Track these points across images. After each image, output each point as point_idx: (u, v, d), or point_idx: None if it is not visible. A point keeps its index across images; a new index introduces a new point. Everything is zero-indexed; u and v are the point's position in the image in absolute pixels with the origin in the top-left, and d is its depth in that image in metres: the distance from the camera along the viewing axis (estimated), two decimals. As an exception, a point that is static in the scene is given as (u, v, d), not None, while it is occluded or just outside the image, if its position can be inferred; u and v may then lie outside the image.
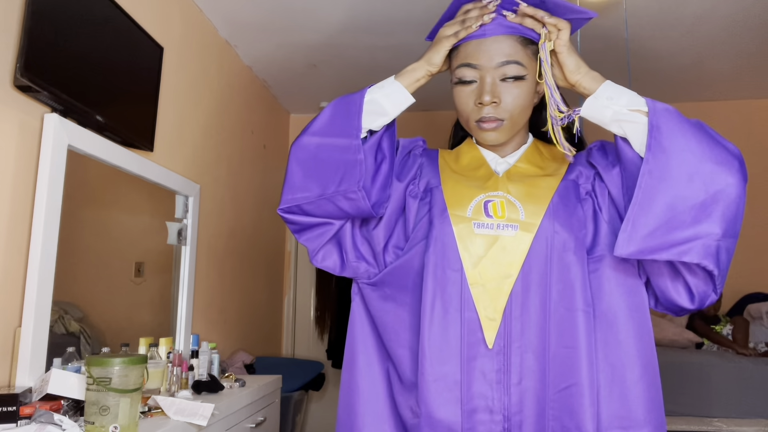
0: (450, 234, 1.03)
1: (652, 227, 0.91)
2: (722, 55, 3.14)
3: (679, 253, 0.90)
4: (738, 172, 0.93)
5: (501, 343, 0.99)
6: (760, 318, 3.32)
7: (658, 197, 0.92)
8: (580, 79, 1.01)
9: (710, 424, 2.74)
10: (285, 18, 2.74)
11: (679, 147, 0.93)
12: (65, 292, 1.66)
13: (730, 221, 0.92)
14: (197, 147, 2.63)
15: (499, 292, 1.00)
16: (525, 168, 1.11)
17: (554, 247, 1.00)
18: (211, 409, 1.59)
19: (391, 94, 1.06)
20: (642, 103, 0.97)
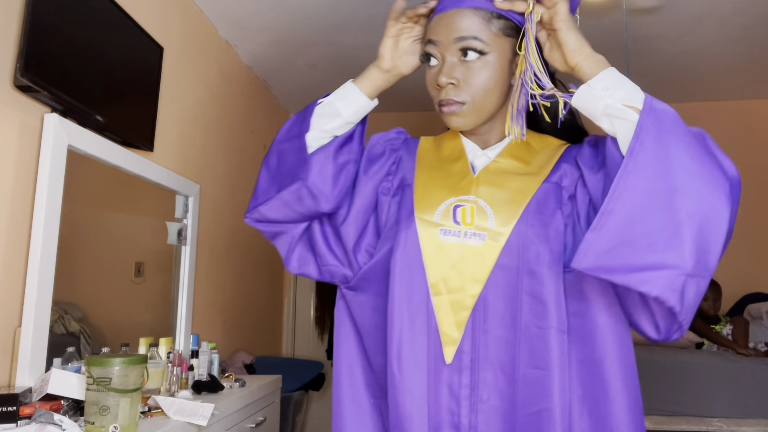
0: (415, 239, 0.96)
1: (614, 243, 0.80)
2: (722, 55, 3.14)
3: (638, 281, 0.79)
4: (726, 197, 0.80)
5: (466, 358, 0.92)
6: (760, 318, 3.32)
7: (628, 210, 0.80)
8: (581, 62, 0.89)
9: (710, 424, 2.74)
10: (285, 18, 2.74)
11: (665, 156, 0.81)
12: (65, 292, 1.66)
13: (705, 253, 0.79)
14: (197, 147, 2.63)
15: (462, 306, 0.93)
16: (505, 164, 1.01)
17: (526, 259, 0.92)
18: (211, 409, 1.59)
19: (345, 96, 1.03)
20: (639, 100, 0.86)
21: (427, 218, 0.97)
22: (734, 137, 3.85)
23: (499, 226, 0.93)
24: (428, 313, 0.94)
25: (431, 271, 0.94)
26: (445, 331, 0.93)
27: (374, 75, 1.04)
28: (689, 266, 0.77)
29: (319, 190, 1.01)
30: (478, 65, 0.94)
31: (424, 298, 0.94)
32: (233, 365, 2.81)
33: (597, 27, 2.77)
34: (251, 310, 3.34)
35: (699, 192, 0.79)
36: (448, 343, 0.93)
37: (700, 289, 0.80)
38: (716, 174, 0.81)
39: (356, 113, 1.03)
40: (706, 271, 0.80)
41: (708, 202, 0.79)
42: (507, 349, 0.92)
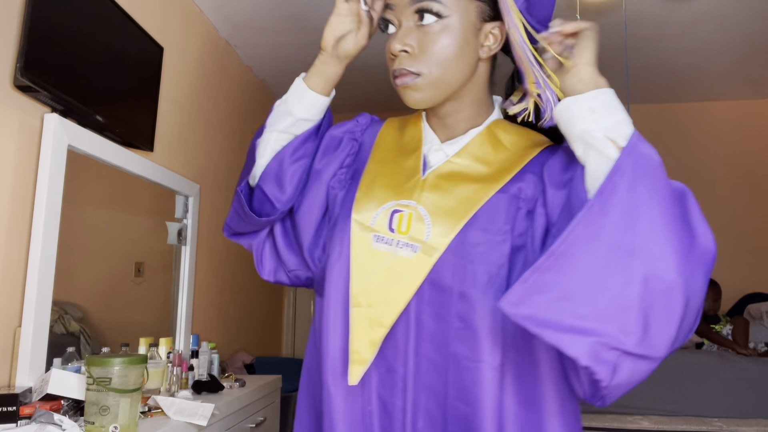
0: (347, 243, 0.87)
1: (554, 293, 0.69)
2: (722, 55, 3.14)
3: (569, 344, 0.68)
4: (691, 272, 0.69)
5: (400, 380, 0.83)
6: (760, 318, 3.32)
7: (580, 260, 0.69)
8: (579, 67, 0.78)
9: (710, 424, 2.74)
10: (285, 18, 2.74)
11: (635, 208, 0.69)
12: (65, 292, 1.66)
13: (652, 333, 0.68)
14: (197, 147, 2.63)
15: (379, 322, 0.82)
16: (462, 165, 0.88)
17: (460, 279, 0.80)
18: (211, 409, 1.59)
19: (294, 92, 0.96)
20: (625, 135, 0.74)
21: (363, 221, 0.87)
22: (734, 137, 3.85)
23: (435, 238, 0.82)
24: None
25: (356, 280, 0.84)
26: (355, 349, 0.82)
27: (319, 64, 0.95)
28: (630, 344, 0.67)
29: (265, 189, 0.97)
30: (436, 30, 0.83)
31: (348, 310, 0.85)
32: (233, 365, 2.81)
33: (597, 27, 2.77)
34: (251, 310, 3.34)
35: (661, 261, 0.68)
36: (356, 362, 0.82)
37: (638, 371, 0.69)
38: (686, 243, 0.70)
39: (308, 110, 0.96)
40: (650, 353, 0.68)
41: (668, 275, 0.68)
42: (438, 376, 0.81)
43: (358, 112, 1.09)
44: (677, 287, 0.67)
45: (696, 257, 0.70)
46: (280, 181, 0.96)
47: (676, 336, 0.69)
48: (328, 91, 0.97)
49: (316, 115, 0.98)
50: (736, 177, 3.81)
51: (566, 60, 0.80)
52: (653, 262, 0.68)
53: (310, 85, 0.95)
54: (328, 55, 0.94)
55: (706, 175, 3.85)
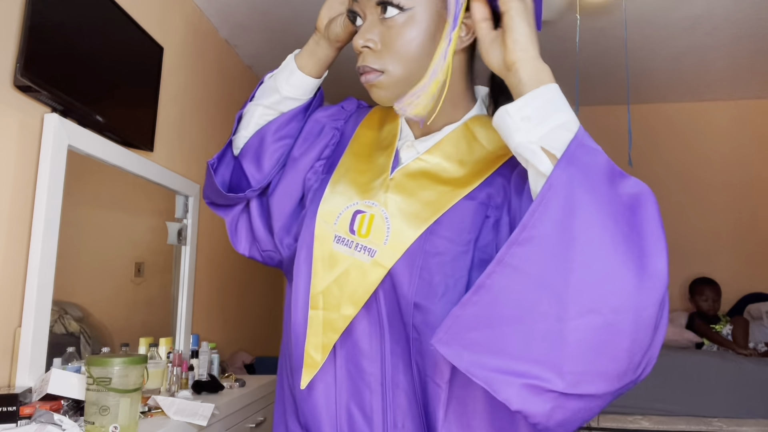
0: (311, 241, 0.84)
1: (482, 331, 0.64)
2: (722, 55, 3.14)
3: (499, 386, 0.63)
4: (640, 297, 0.60)
5: (375, 381, 0.80)
6: (760, 318, 3.32)
7: (510, 293, 0.63)
8: (521, 61, 0.69)
9: (710, 424, 2.74)
10: (285, 18, 2.74)
11: (570, 230, 0.62)
12: (65, 292, 1.66)
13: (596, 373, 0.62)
14: (197, 147, 2.63)
15: (332, 327, 0.79)
16: (432, 164, 0.83)
17: (416, 289, 0.76)
18: (211, 409, 1.59)
19: (283, 70, 0.95)
20: (561, 144, 0.65)
21: (327, 220, 0.83)
22: (734, 137, 3.85)
23: (392, 244, 0.77)
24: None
25: (316, 281, 0.81)
26: (309, 352, 0.80)
27: (311, 43, 0.92)
28: (564, 385, 0.61)
29: (244, 167, 0.95)
30: (399, 23, 0.77)
31: (306, 312, 0.83)
32: (233, 365, 2.81)
33: (597, 27, 2.77)
34: (251, 310, 3.34)
35: (599, 292, 0.60)
36: (309, 365, 0.80)
37: (578, 409, 0.63)
38: (633, 268, 0.61)
39: (295, 89, 0.93)
40: (593, 391, 0.62)
41: (607, 308, 0.60)
42: (406, 373, 0.78)
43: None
44: (619, 321, 0.60)
45: (645, 284, 0.61)
46: (258, 159, 0.95)
47: (625, 370, 0.62)
48: (319, 72, 0.95)
49: (304, 95, 0.95)
50: (736, 177, 3.81)
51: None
52: (589, 294, 0.61)
53: (300, 64, 0.93)
54: (320, 35, 0.92)
55: (705, 176, 3.85)
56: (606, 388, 0.63)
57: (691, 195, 3.83)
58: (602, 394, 0.63)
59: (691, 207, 3.81)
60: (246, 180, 0.96)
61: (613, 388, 0.63)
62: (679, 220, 3.76)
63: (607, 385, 0.62)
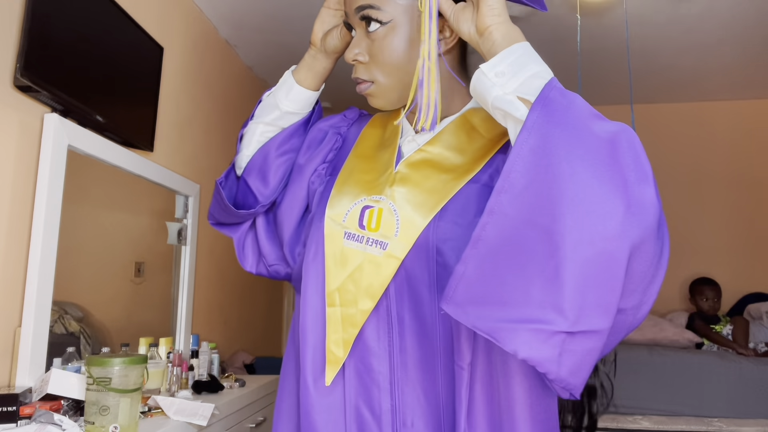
0: (321, 241, 0.85)
1: (483, 283, 0.65)
2: (722, 55, 3.14)
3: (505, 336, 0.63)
4: (629, 225, 0.61)
5: (384, 380, 0.81)
6: (760, 318, 3.32)
7: (500, 241, 0.64)
8: (494, 26, 0.72)
9: (710, 424, 2.74)
10: (285, 18, 2.74)
11: (549, 170, 0.63)
12: (65, 292, 1.66)
13: (594, 304, 0.61)
14: (197, 147, 2.63)
15: (351, 322, 0.81)
16: (434, 154, 0.85)
17: (438, 276, 0.78)
18: (211, 409, 1.59)
19: (282, 86, 0.96)
20: (537, 90, 0.68)
21: (336, 218, 0.85)
22: (734, 137, 3.85)
23: (403, 234, 0.79)
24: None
25: (330, 279, 0.83)
26: (331, 349, 0.81)
27: (308, 58, 0.94)
28: (568, 323, 0.61)
29: (251, 184, 0.96)
30: (380, 36, 0.82)
31: (323, 310, 0.84)
32: (233, 365, 2.81)
33: (597, 27, 2.77)
34: (251, 310, 3.34)
35: (585, 225, 0.61)
36: (332, 362, 0.81)
37: (585, 350, 0.63)
38: (617, 199, 0.61)
39: (295, 104, 0.95)
40: (594, 326, 0.62)
41: (596, 238, 0.60)
42: (427, 371, 0.79)
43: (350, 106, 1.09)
44: (612, 249, 0.60)
45: (633, 209, 0.61)
46: (264, 175, 0.96)
47: (626, 302, 0.63)
48: (317, 85, 0.97)
49: (304, 109, 0.97)
50: (736, 177, 3.81)
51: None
52: (578, 226, 0.61)
53: (298, 79, 0.95)
54: (317, 49, 0.94)
55: (706, 176, 3.85)
56: (608, 322, 0.62)
57: (691, 195, 3.83)
58: (605, 328, 0.63)
59: (691, 207, 3.81)
60: (253, 196, 0.97)
61: (611, 320, 0.63)
62: (679, 220, 3.76)
63: (609, 318, 0.62)
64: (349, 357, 0.82)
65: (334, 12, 0.92)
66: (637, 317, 0.66)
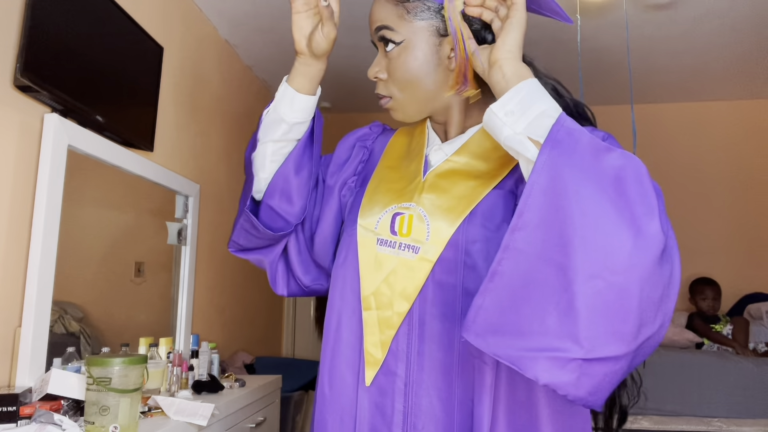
0: (355, 248, 0.89)
1: (502, 315, 0.69)
2: (722, 56, 3.14)
3: (526, 365, 0.67)
4: (637, 258, 0.64)
5: (400, 382, 0.84)
6: (760, 318, 3.32)
7: (517, 276, 0.68)
8: (504, 60, 0.77)
9: (710, 424, 2.74)
10: (285, 18, 2.74)
11: (560, 209, 0.67)
12: (65, 292, 1.66)
13: (608, 333, 0.65)
14: (197, 147, 2.63)
15: (388, 324, 0.84)
16: (461, 164, 0.89)
17: (463, 276, 0.82)
18: (211, 409, 1.59)
19: (282, 98, 0.94)
20: (545, 129, 0.71)
21: (368, 226, 0.89)
22: (734, 137, 3.85)
23: (434, 238, 0.83)
24: (361, 329, 0.87)
25: (365, 284, 0.87)
26: (369, 351, 0.85)
27: (299, 66, 0.94)
28: (583, 351, 0.64)
29: (273, 204, 0.96)
30: (395, 55, 0.88)
31: (358, 313, 0.88)
32: (233, 365, 2.81)
33: (597, 27, 2.77)
34: (251, 310, 3.34)
35: (595, 260, 0.64)
36: (371, 363, 0.85)
37: (604, 374, 0.66)
38: (624, 233, 0.64)
39: (301, 112, 0.95)
40: (612, 353, 0.65)
41: (606, 272, 0.64)
42: (444, 374, 0.82)
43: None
44: (621, 282, 0.64)
45: (640, 243, 0.64)
46: (288, 196, 0.97)
47: (639, 327, 0.65)
48: (315, 89, 0.97)
49: (309, 115, 0.98)
50: (736, 177, 3.81)
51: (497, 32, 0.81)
52: (589, 261, 0.65)
53: (297, 87, 0.95)
54: (306, 56, 0.93)
55: (706, 176, 3.84)
56: (624, 348, 0.65)
57: (691, 195, 3.82)
58: (622, 354, 0.66)
59: (691, 207, 3.81)
60: (282, 219, 0.98)
61: (630, 347, 0.66)
62: (679, 220, 3.76)
63: (624, 345, 0.65)
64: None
65: (306, 14, 0.91)
66: (662, 335, 0.69)
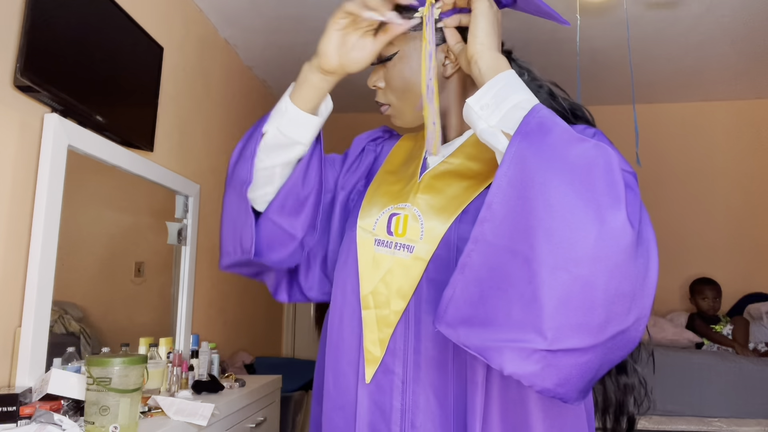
0: (354, 249, 0.91)
1: (470, 305, 0.70)
2: (722, 55, 3.14)
3: (491, 354, 0.68)
4: (602, 251, 0.64)
5: (398, 380, 0.85)
6: (760, 318, 3.32)
7: (484, 267, 0.69)
8: (479, 53, 0.78)
9: (710, 424, 2.74)
10: (285, 18, 2.74)
11: (526, 200, 0.67)
12: (65, 292, 1.66)
13: (577, 326, 0.64)
14: (197, 147, 2.63)
15: (386, 322, 0.86)
16: (455, 165, 0.91)
17: (452, 273, 0.81)
18: (211, 409, 1.59)
19: (292, 119, 0.90)
20: (516, 121, 0.72)
21: (366, 227, 0.91)
22: (734, 137, 3.85)
23: (427, 236, 0.85)
24: (361, 328, 0.89)
25: (364, 283, 0.89)
26: (368, 348, 0.87)
27: (316, 80, 0.89)
28: (546, 342, 0.65)
29: (289, 225, 0.95)
30: (392, 65, 0.91)
31: (358, 313, 0.89)
32: (233, 365, 2.81)
33: (597, 27, 2.77)
34: (251, 310, 3.34)
35: (560, 250, 0.64)
36: (370, 361, 0.86)
37: (572, 365, 0.66)
38: (590, 226, 0.64)
39: (316, 131, 0.93)
40: (578, 344, 0.65)
41: (571, 265, 0.64)
42: (439, 371, 0.83)
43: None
44: (585, 274, 0.64)
45: (604, 235, 0.64)
46: (296, 211, 0.95)
47: (606, 319, 0.65)
48: (322, 104, 0.95)
49: (319, 129, 0.95)
50: (736, 177, 3.81)
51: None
52: (553, 253, 0.65)
53: (311, 109, 0.91)
54: (335, 75, 0.90)
55: (705, 176, 3.85)
56: (589, 340, 0.65)
57: (691, 195, 3.83)
58: (588, 346, 0.66)
59: (691, 207, 3.81)
60: (287, 233, 0.95)
61: (598, 339, 0.65)
62: (680, 220, 3.76)
63: (590, 337, 0.65)
64: None
65: (343, 33, 0.88)
66: (639, 330, 0.68)
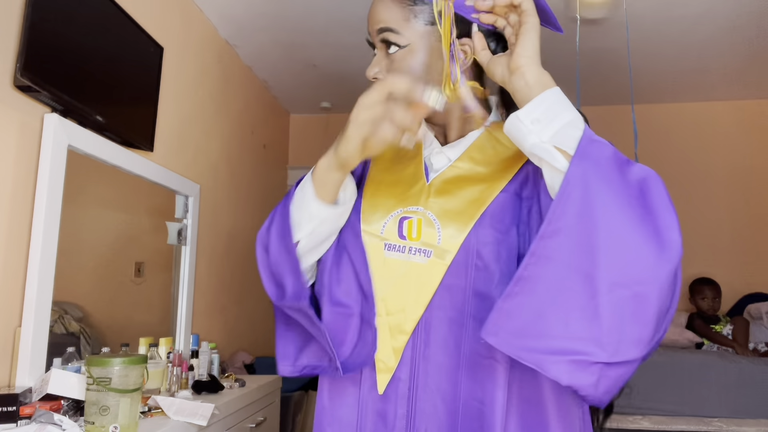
0: (362, 255, 0.87)
1: (526, 319, 0.71)
2: (722, 55, 3.14)
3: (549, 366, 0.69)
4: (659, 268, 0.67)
5: (404, 386, 0.83)
6: (760, 318, 3.32)
7: (545, 281, 0.70)
8: (525, 66, 0.76)
9: (710, 424, 2.74)
10: (285, 18, 2.74)
11: (590, 218, 0.69)
12: (65, 292, 1.66)
13: (628, 340, 0.68)
14: (197, 147, 2.63)
15: (400, 330, 0.83)
16: (464, 169, 0.89)
17: (474, 279, 0.82)
18: (211, 409, 1.59)
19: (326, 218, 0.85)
20: (572, 141, 0.72)
21: (373, 231, 0.87)
22: (734, 137, 3.85)
23: (446, 241, 0.83)
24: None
25: (376, 288, 0.85)
26: (380, 358, 0.83)
27: (339, 177, 0.84)
28: (606, 354, 0.68)
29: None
30: (399, 58, 0.86)
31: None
32: (233, 365, 2.81)
33: (598, 27, 2.77)
34: (251, 310, 3.34)
35: (623, 269, 0.68)
36: (382, 371, 0.83)
37: (619, 375, 0.70)
38: (649, 244, 0.68)
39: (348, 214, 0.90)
40: (628, 357, 0.69)
41: (632, 281, 0.67)
42: (448, 377, 0.82)
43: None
44: (645, 291, 0.67)
45: (663, 256, 0.68)
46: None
47: (653, 336, 0.70)
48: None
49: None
50: (736, 177, 3.81)
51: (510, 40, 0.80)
52: (615, 271, 0.68)
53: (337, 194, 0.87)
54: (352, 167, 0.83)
55: (705, 176, 3.84)
56: (640, 352, 0.70)
57: (691, 195, 3.82)
58: (639, 358, 0.70)
59: (692, 207, 3.81)
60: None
61: (645, 351, 0.70)
62: (680, 220, 3.76)
63: (641, 350, 0.69)
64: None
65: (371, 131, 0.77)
66: (662, 337, 0.73)
